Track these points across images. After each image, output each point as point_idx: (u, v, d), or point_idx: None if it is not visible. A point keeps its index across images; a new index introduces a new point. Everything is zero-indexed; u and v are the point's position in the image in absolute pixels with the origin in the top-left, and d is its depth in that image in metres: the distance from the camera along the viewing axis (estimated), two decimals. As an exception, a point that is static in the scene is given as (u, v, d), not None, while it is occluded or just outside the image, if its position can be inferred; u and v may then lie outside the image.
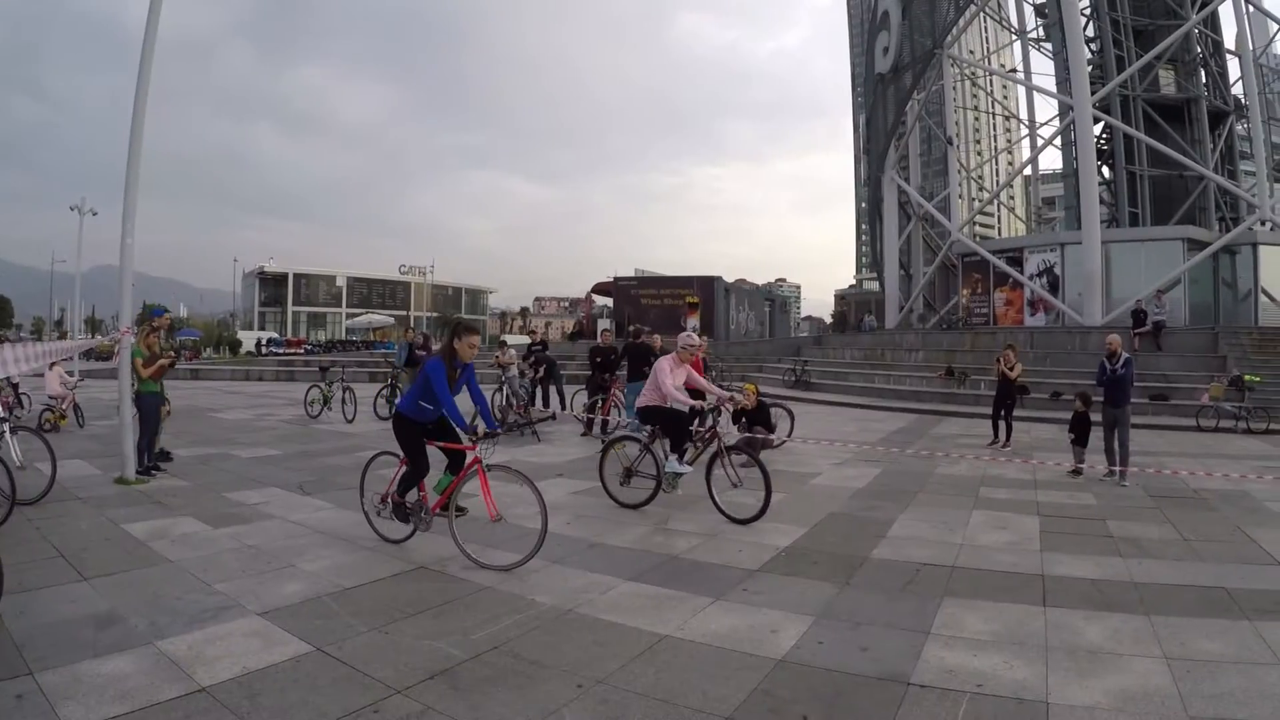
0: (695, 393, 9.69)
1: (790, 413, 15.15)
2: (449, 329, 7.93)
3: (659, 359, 9.93)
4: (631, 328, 18.09)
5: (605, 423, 16.13)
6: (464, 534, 7.25)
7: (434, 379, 7.11)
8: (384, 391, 18.56)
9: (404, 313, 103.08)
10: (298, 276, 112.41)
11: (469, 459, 7.31)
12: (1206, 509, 10.41)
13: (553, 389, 19.86)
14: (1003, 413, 15.77)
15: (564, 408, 18.05)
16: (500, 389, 17.83)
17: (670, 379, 9.32)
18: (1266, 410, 19.87)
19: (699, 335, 14.01)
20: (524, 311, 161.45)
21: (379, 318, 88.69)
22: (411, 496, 7.51)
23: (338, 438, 14.86)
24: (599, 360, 16.84)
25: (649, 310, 45.27)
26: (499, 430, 7.36)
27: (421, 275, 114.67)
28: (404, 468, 7.51)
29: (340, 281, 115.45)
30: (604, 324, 42.11)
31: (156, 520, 8.32)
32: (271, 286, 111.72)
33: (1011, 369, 15.71)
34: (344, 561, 6.96)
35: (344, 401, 17.68)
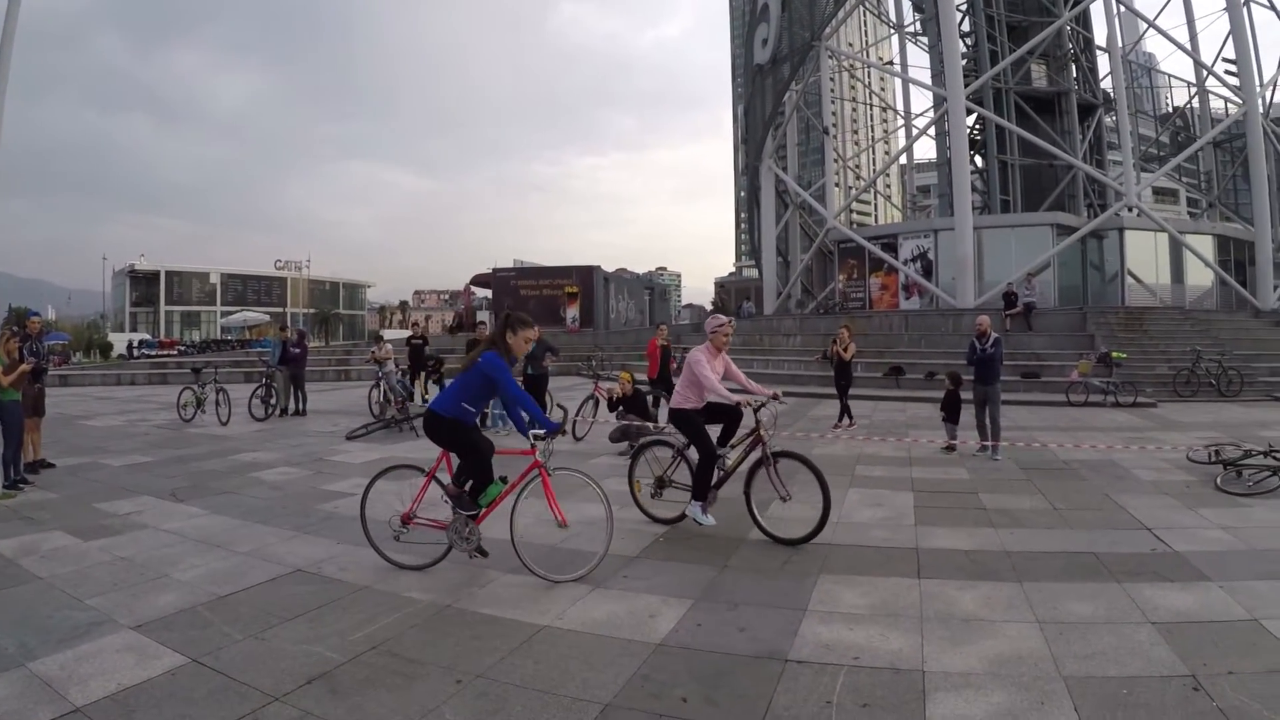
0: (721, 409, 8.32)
1: (669, 400, 15.10)
2: (501, 320, 6.98)
3: (692, 350, 8.24)
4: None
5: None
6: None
7: (501, 377, 6.43)
8: (259, 392, 18.03)
9: (280, 310, 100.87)
10: (170, 274, 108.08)
11: (528, 463, 6.64)
12: (1076, 479, 10.82)
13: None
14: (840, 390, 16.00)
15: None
16: (377, 384, 17.60)
17: (709, 370, 7.96)
18: (1133, 384, 21.00)
19: (574, 323, 13.65)
20: (403, 305, 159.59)
21: (254, 315, 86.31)
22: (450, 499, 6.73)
23: (212, 441, 14.43)
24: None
25: (528, 301, 45.32)
26: (560, 429, 6.66)
27: (298, 270, 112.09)
28: (431, 474, 6.79)
29: (214, 279, 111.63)
30: (483, 315, 41.78)
31: (25, 536, 7.93)
32: (143, 285, 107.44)
33: (845, 349, 15.92)
34: (219, 568, 6.73)
35: (218, 404, 17.12)
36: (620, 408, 13.53)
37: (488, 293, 52.63)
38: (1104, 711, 4.26)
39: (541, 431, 6.44)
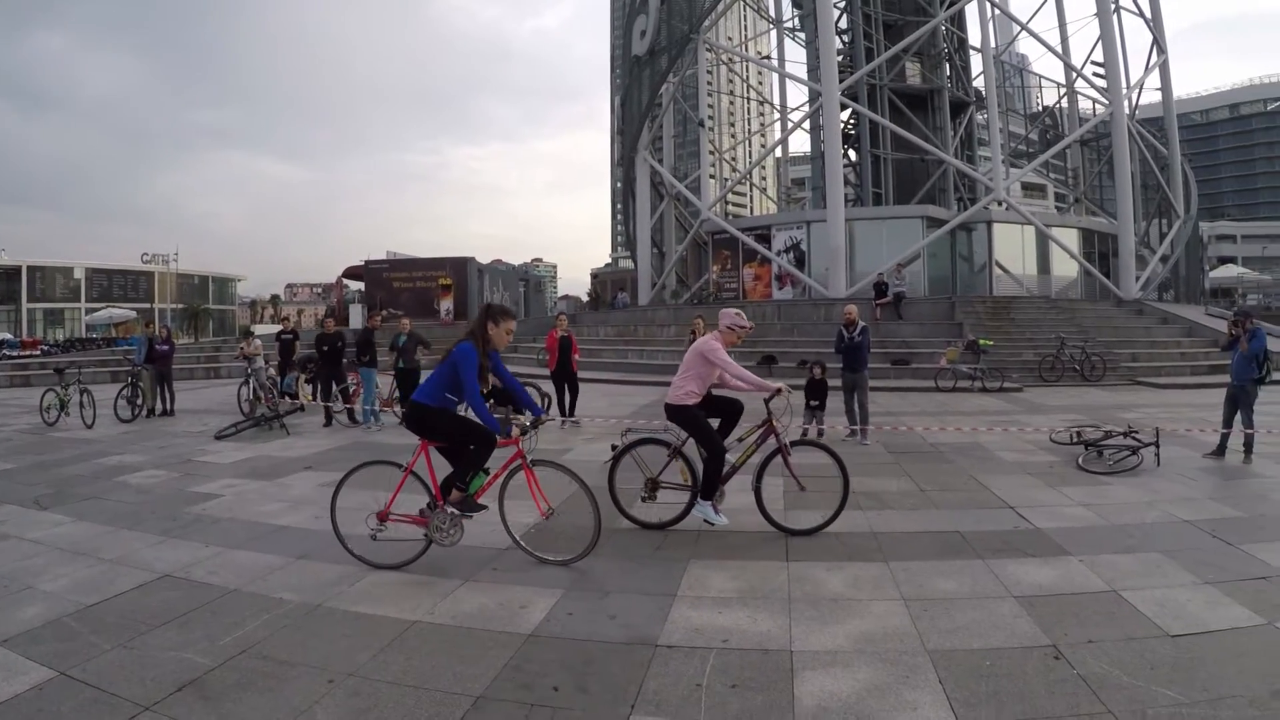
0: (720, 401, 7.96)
1: (541, 391, 14.91)
2: (481, 312, 6.69)
3: (702, 338, 7.71)
4: (384, 312, 17.48)
5: (351, 411, 15.85)
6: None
7: (464, 366, 6.19)
8: (124, 392, 17.28)
9: (148, 305, 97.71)
10: (32, 269, 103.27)
11: (511, 454, 6.51)
12: (943, 461, 11.12)
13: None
14: None
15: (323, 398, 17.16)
16: (246, 381, 17.07)
17: (730, 359, 7.54)
18: (1000, 370, 21.69)
19: (448, 315, 13.24)
20: (275, 299, 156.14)
21: (120, 312, 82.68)
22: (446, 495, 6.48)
23: (76, 445, 13.77)
24: (325, 349, 16.18)
25: (402, 293, 44.76)
26: (545, 416, 6.46)
27: (165, 264, 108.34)
28: (409, 469, 6.50)
29: (79, 273, 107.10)
30: (345, 307, 41.15)
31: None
32: (3, 282, 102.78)
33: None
34: (85, 577, 6.41)
35: (82, 405, 16.29)
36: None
37: (361, 285, 51.69)
38: (968, 683, 4.39)
39: (526, 421, 6.36)
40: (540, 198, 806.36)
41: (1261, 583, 5.92)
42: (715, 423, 7.67)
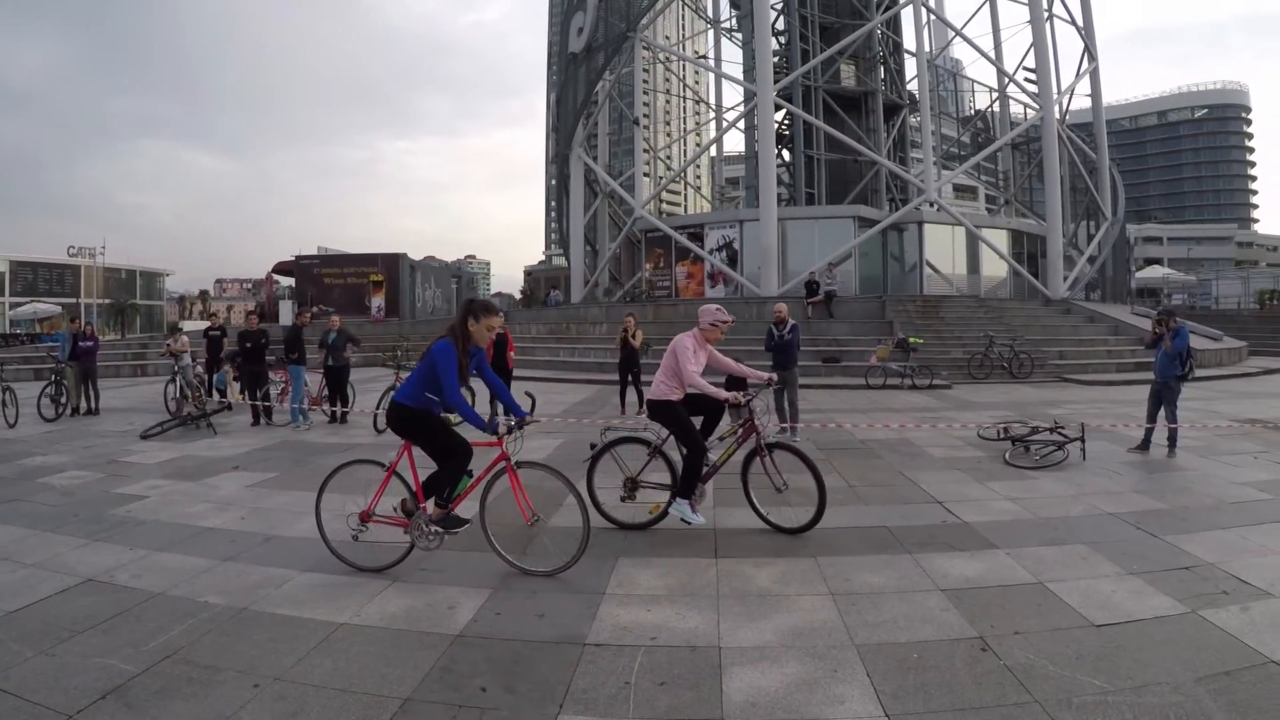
0: (733, 380, 8.14)
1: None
2: (462, 307, 6.36)
3: (678, 336, 7.65)
4: (315, 308, 17.17)
5: (269, 409, 15.62)
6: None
7: (443, 365, 5.95)
8: (48, 390, 16.78)
9: (74, 300, 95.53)
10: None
11: (494, 456, 6.27)
12: (872, 457, 11.24)
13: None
14: (629, 379, 16.08)
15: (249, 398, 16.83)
16: (173, 379, 16.63)
17: (692, 361, 7.42)
18: (929, 368, 21.97)
19: (379, 312, 12.97)
20: (204, 295, 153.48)
21: (44, 307, 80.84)
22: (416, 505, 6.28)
23: (-4, 445, 13.29)
24: (248, 346, 15.83)
25: (333, 289, 44.19)
26: (529, 419, 6.25)
27: (92, 258, 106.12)
28: (392, 469, 6.31)
29: (2, 267, 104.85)
30: (261, 306, 40.75)
31: None
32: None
33: (633, 336, 15.96)
34: (6, 582, 6.21)
35: (4, 404, 15.80)
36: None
37: (291, 281, 50.98)
38: (895, 676, 4.42)
39: (510, 422, 6.16)
40: (475, 194, 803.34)
41: (1184, 572, 6.04)
42: (697, 422, 7.60)
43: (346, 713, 4.10)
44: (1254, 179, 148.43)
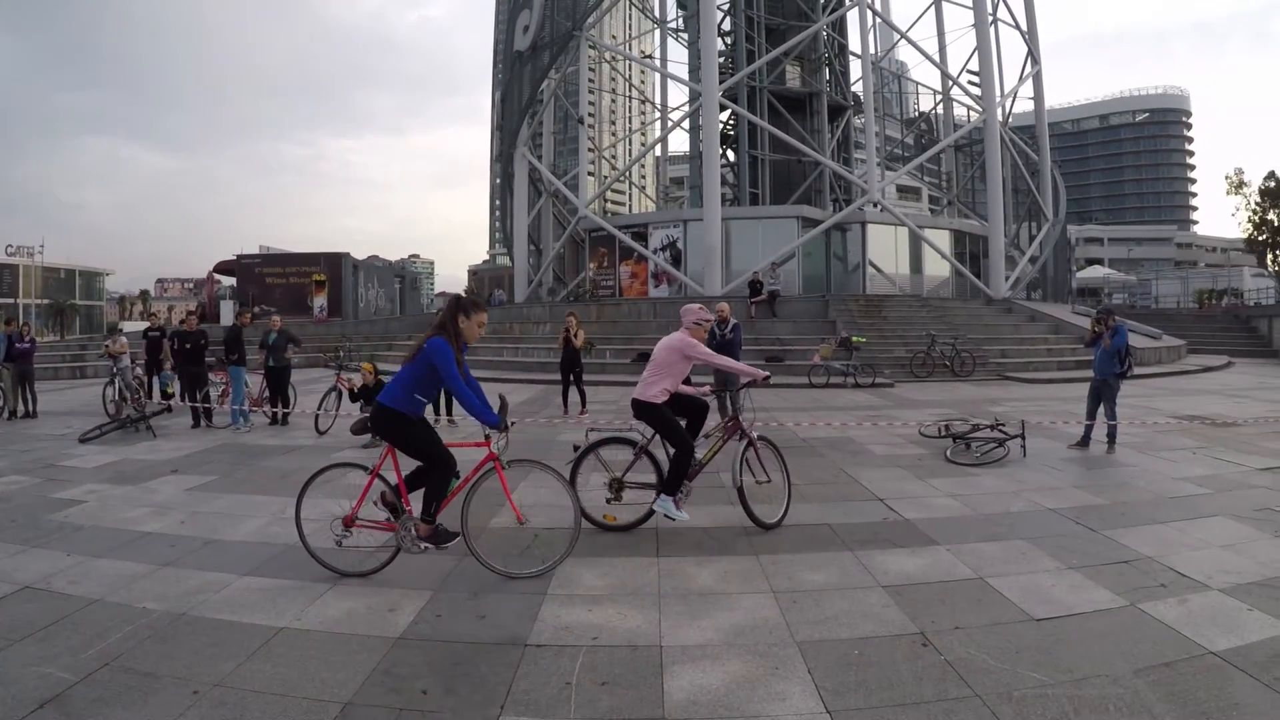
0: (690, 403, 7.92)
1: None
2: (451, 305, 6.21)
3: (671, 335, 7.76)
4: (256, 308, 16.86)
5: (209, 411, 15.28)
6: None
7: (442, 363, 5.83)
8: (-14, 393, 16.38)
9: (11, 300, 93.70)
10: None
11: (482, 456, 6.16)
12: (814, 455, 11.34)
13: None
14: (571, 378, 15.92)
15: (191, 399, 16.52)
16: (112, 381, 16.28)
17: (702, 350, 7.59)
18: (872, 366, 22.29)
19: (321, 312, 12.77)
20: (145, 295, 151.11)
21: (-18, 308, 79.84)
22: (404, 509, 6.12)
23: (-71, 450, 12.95)
24: (188, 347, 15.54)
25: (275, 289, 43.60)
26: (502, 425, 6.06)
27: (30, 257, 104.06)
28: (375, 473, 6.11)
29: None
30: (192, 305, 40.20)
31: None
32: None
33: (575, 336, 15.90)
34: None
35: (-62, 408, 15.44)
36: (362, 400, 13.02)
37: (233, 281, 50.30)
38: (836, 672, 4.46)
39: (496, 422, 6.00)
40: (419, 193, 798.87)
41: (1123, 566, 6.14)
42: (682, 422, 7.61)
43: (286, 717, 4.06)
44: (1194, 181, 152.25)
